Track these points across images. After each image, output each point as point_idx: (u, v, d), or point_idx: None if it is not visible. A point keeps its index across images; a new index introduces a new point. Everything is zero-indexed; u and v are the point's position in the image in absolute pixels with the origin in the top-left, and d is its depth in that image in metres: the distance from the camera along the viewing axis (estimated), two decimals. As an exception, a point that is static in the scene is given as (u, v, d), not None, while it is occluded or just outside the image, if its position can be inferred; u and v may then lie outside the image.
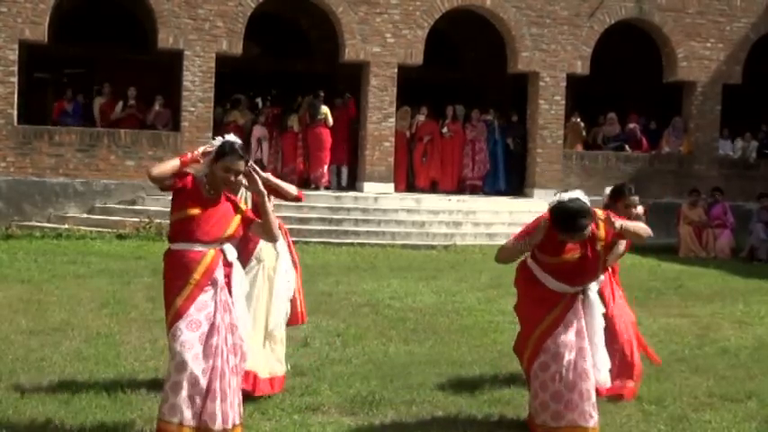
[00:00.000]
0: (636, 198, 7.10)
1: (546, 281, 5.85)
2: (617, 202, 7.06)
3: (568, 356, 5.75)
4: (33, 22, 17.17)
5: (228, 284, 5.44)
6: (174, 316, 5.29)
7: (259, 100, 20.14)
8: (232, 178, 5.37)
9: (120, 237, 16.04)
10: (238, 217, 5.47)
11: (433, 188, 20.01)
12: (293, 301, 6.82)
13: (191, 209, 5.35)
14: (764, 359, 8.42)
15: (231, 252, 5.50)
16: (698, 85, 20.47)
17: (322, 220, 17.32)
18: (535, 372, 5.83)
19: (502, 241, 6.23)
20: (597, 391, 6.01)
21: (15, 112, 17.33)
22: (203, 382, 5.19)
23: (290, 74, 21.37)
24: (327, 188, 19.00)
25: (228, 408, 5.27)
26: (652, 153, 20.53)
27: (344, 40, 18.73)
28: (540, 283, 5.88)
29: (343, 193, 18.59)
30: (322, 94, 18.88)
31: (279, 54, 21.93)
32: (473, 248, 16.61)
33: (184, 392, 5.18)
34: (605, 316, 6.28)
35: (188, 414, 5.18)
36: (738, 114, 21.24)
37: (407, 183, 19.85)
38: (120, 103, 18.91)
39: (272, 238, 5.69)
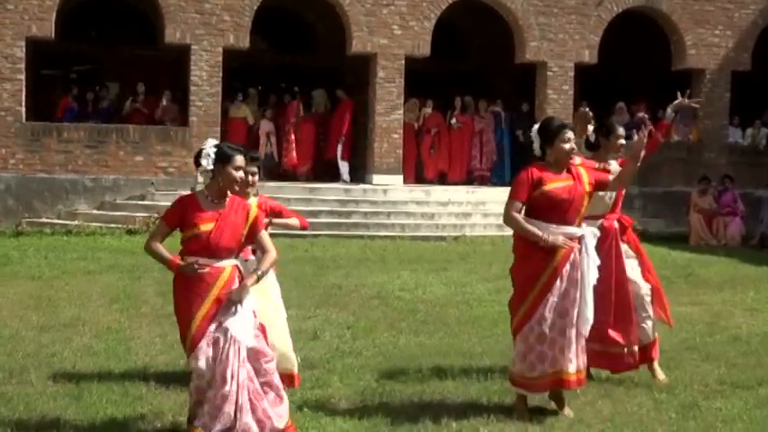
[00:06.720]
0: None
1: (541, 227, 5.92)
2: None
3: (551, 317, 5.96)
4: (40, 19, 17.18)
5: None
6: (195, 334, 5.20)
7: (273, 95, 20.11)
8: (242, 175, 5.37)
9: (129, 232, 16.07)
10: (250, 222, 5.39)
11: (442, 180, 19.99)
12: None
13: (201, 225, 5.29)
14: (776, 346, 8.40)
15: (245, 267, 5.51)
16: (707, 72, 20.38)
17: (331, 213, 17.30)
18: (525, 334, 6.03)
19: (511, 232, 6.25)
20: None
21: (23, 109, 17.35)
22: (233, 398, 5.14)
23: (296, 67, 21.35)
24: (308, 179, 19.18)
25: (262, 416, 5.21)
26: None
27: (351, 32, 18.69)
28: (534, 244, 5.94)
29: (353, 186, 18.58)
30: (321, 90, 18.96)
31: (285, 48, 21.92)
32: (483, 239, 16.59)
33: (208, 408, 5.17)
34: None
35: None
36: (748, 101, 21.14)
37: (416, 175, 19.83)
38: (130, 99, 19.00)
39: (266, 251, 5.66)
